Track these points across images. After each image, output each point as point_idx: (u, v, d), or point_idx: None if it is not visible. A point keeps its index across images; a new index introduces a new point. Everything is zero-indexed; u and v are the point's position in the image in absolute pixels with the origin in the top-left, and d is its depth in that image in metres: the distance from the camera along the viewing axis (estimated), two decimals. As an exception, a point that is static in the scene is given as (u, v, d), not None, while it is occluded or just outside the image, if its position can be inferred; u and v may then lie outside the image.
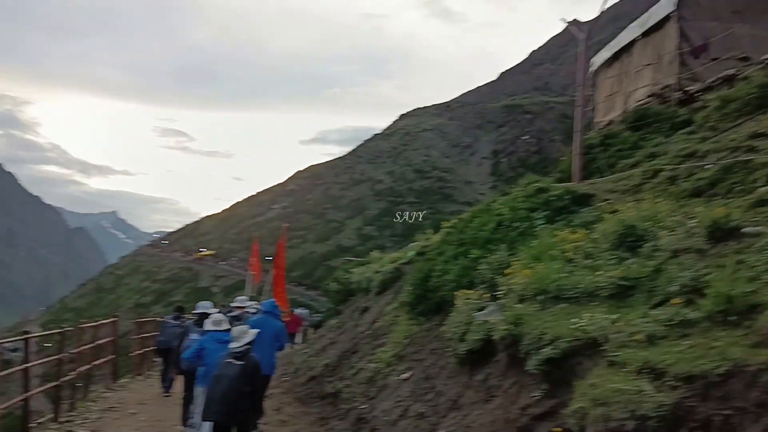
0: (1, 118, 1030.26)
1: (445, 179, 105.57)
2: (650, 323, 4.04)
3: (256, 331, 6.86)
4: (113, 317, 11.89)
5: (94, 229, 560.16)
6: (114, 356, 11.60)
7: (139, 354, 13.03)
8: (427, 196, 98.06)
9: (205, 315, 9.16)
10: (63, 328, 9.10)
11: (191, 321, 9.84)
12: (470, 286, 6.19)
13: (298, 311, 26.37)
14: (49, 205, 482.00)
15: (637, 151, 9.04)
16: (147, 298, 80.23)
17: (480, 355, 5.34)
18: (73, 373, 9.09)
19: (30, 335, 7.74)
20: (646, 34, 11.89)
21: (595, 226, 6.05)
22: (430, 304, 6.85)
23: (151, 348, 13.05)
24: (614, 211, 5.99)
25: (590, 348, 4.07)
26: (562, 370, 4.13)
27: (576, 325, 4.20)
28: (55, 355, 8.85)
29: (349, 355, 8.83)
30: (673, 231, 5.07)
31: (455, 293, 6.16)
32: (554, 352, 4.15)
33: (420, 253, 10.05)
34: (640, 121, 10.29)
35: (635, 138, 9.80)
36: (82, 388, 9.83)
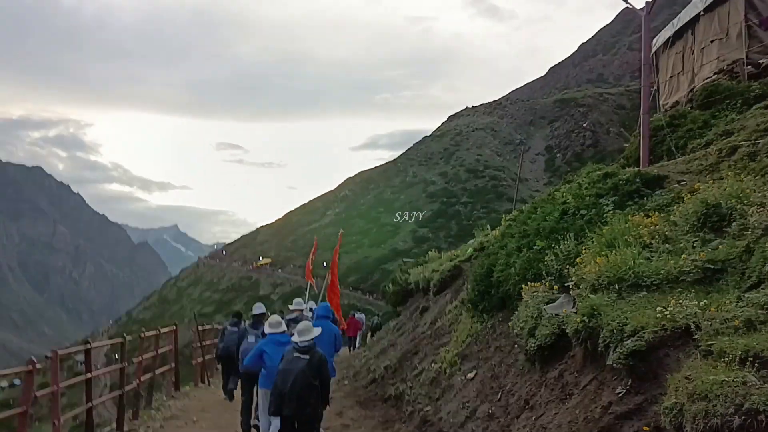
0: (67, 141, 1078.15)
1: (498, 177, 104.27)
2: (746, 308, 3.62)
3: (319, 329, 6.90)
4: (173, 326, 11.92)
5: (156, 243, 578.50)
6: (175, 365, 11.61)
7: (200, 362, 13.07)
8: (481, 195, 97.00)
9: (261, 316, 9.49)
10: (124, 337, 9.14)
11: (248, 324, 9.89)
12: (537, 278, 5.80)
13: (356, 315, 26.20)
14: (114, 222, 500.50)
15: (709, 130, 8.45)
16: (209, 308, 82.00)
17: (552, 351, 4.95)
18: (135, 382, 9.13)
19: (90, 346, 7.75)
20: (709, 8, 11.20)
21: (671, 208, 5.59)
22: (494, 300, 6.48)
23: (211, 356, 13.12)
24: (693, 192, 5.50)
25: (679, 338, 3.66)
26: (648, 363, 3.73)
27: (661, 314, 3.80)
28: (118, 365, 8.91)
29: (410, 357, 8.51)
30: (762, 207, 4.60)
31: (521, 287, 5.79)
32: (638, 344, 3.75)
33: (479, 249, 9.67)
34: (709, 98, 9.66)
35: (706, 117, 9.20)
36: (144, 396, 9.88)
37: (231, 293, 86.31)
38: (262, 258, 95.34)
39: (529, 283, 5.73)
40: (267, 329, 7.51)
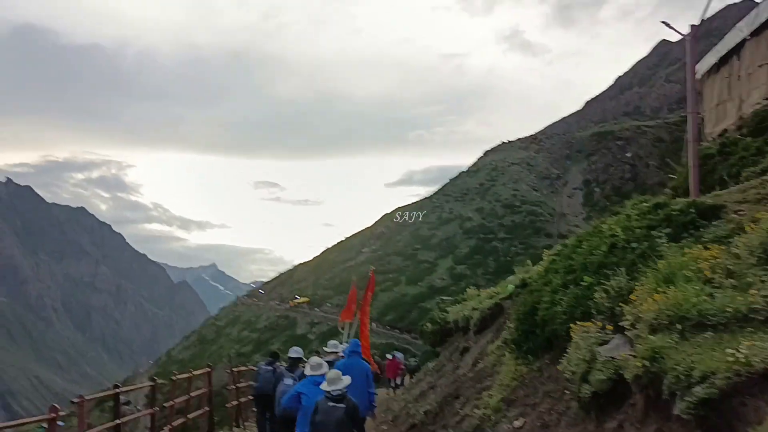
0: (109, 182, 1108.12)
1: (536, 213, 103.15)
2: (836, 350, 3.20)
3: (349, 378, 6.86)
4: (207, 368, 11.65)
5: (195, 282, 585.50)
6: (209, 408, 11.28)
7: (235, 404, 12.70)
8: (519, 231, 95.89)
9: (297, 360, 9.42)
10: (154, 380, 8.91)
11: (284, 367, 9.77)
12: (586, 317, 5.39)
13: (396, 355, 25.71)
14: (154, 262, 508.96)
15: (763, 157, 8.00)
16: (247, 348, 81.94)
17: (609, 398, 4.52)
18: (167, 428, 8.86)
19: (119, 390, 7.55)
20: (756, 33, 10.79)
21: (731, 240, 5.16)
22: (540, 341, 6.07)
23: (247, 398, 12.82)
24: (755, 221, 5.06)
25: (756, 384, 3.25)
26: (721, 413, 3.31)
27: (733, 357, 3.39)
28: (150, 408, 8.67)
29: (451, 401, 8.05)
30: (838, 238, 4.17)
31: (569, 326, 5.37)
32: (709, 391, 3.34)
33: (521, 286, 9.25)
34: (761, 125, 9.20)
35: (758, 144, 8.73)
36: None
37: (268, 332, 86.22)
38: (299, 297, 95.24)
39: (577, 322, 5.32)
40: (308, 371, 7.45)
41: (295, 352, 9.78)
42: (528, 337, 6.26)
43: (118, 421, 7.40)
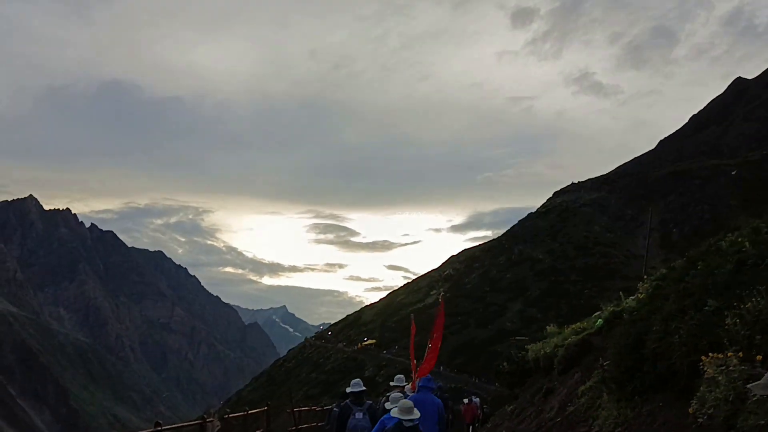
0: (186, 227, 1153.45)
1: (609, 255, 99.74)
2: None
3: (418, 413, 6.71)
4: (265, 407, 10.96)
5: (266, 324, 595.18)
6: None
7: None
8: (592, 273, 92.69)
9: (361, 394, 9.13)
10: (203, 418, 8.30)
11: (348, 400, 9.39)
12: (715, 348, 4.40)
13: (473, 399, 24.76)
14: (227, 304, 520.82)
15: None
16: (315, 390, 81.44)
17: (765, 451, 3.53)
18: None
19: (160, 429, 6.98)
20: None
21: None
22: (649, 379, 5.05)
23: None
24: None
25: None
26: None
27: None
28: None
29: None
30: None
31: (694, 359, 4.39)
32: None
33: (612, 320, 8.20)
34: None
35: None
36: None
37: (336, 374, 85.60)
38: (367, 339, 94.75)
39: (704, 354, 4.33)
40: (396, 413, 6.89)
41: (358, 385, 9.41)
42: (633, 375, 5.25)
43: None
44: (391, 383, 9.55)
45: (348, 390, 9.43)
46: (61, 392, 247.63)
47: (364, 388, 9.35)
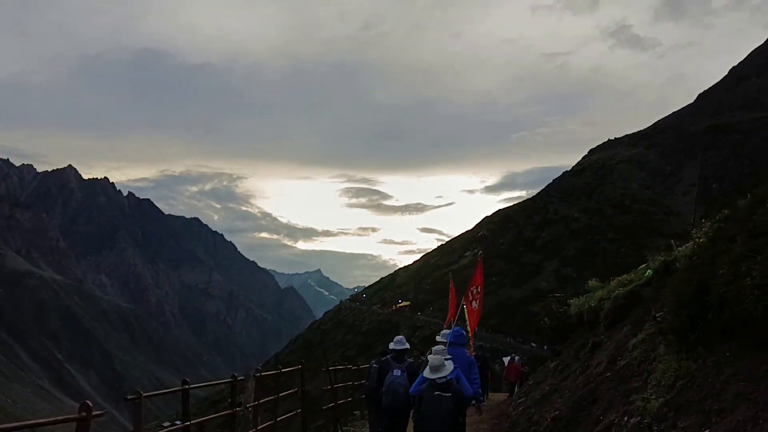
0: (221, 193, 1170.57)
1: (647, 212, 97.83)
2: None
3: (451, 364, 6.74)
4: (299, 365, 10.74)
5: (301, 288, 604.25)
6: (302, 410, 10.23)
7: (333, 406, 11.67)
8: (629, 231, 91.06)
9: (403, 351, 8.94)
10: (234, 377, 8.13)
11: (389, 357, 9.21)
12: (793, 290, 4.00)
13: (515, 358, 24.69)
14: (263, 269, 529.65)
15: None
16: (351, 351, 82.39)
17: None
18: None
19: (188, 386, 6.85)
20: None
21: None
22: (715, 327, 4.64)
23: (343, 400, 11.88)
24: None
25: None
26: None
27: None
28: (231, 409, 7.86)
29: (586, 405, 6.61)
30: None
31: (768, 304, 3.99)
32: None
33: (666, 268, 7.71)
34: None
35: None
36: None
37: (372, 336, 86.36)
38: (401, 301, 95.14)
39: (782, 298, 3.92)
40: (428, 374, 6.72)
41: (401, 342, 9.16)
42: (695, 324, 4.84)
43: (187, 423, 6.62)
44: (437, 338, 9.39)
45: (390, 346, 9.22)
46: (106, 356, 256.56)
47: (407, 346, 9.12)
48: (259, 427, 8.27)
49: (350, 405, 12.91)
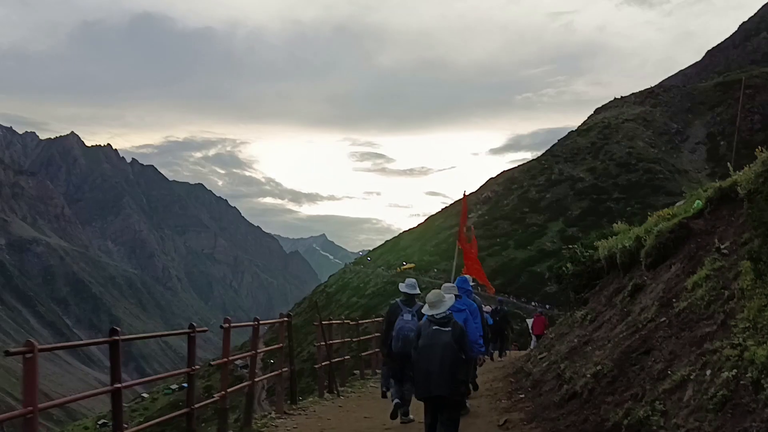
0: (224, 159, 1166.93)
1: (653, 171, 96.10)
2: None
3: (452, 296, 6.53)
4: (283, 317, 9.43)
5: (306, 252, 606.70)
6: (290, 369, 9.04)
7: (325, 365, 10.49)
8: (635, 190, 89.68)
9: (414, 297, 8.57)
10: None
11: (399, 300, 8.68)
12: None
13: (539, 311, 24.06)
14: (268, 234, 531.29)
15: None
16: (356, 313, 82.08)
17: None
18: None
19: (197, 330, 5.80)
20: None
21: None
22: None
23: (341, 358, 10.79)
24: None
25: None
26: None
27: None
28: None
29: (638, 358, 5.41)
30: None
31: None
32: None
33: (723, 196, 6.50)
34: None
35: None
36: (244, 413, 7.56)
37: (377, 298, 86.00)
38: (406, 263, 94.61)
39: None
40: (426, 310, 6.35)
41: (411, 287, 8.60)
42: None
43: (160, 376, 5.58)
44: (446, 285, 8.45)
45: (401, 288, 8.66)
46: (114, 321, 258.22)
47: (417, 291, 8.52)
48: (225, 391, 7.16)
49: (350, 363, 11.90)
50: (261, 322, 6.87)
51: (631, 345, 5.61)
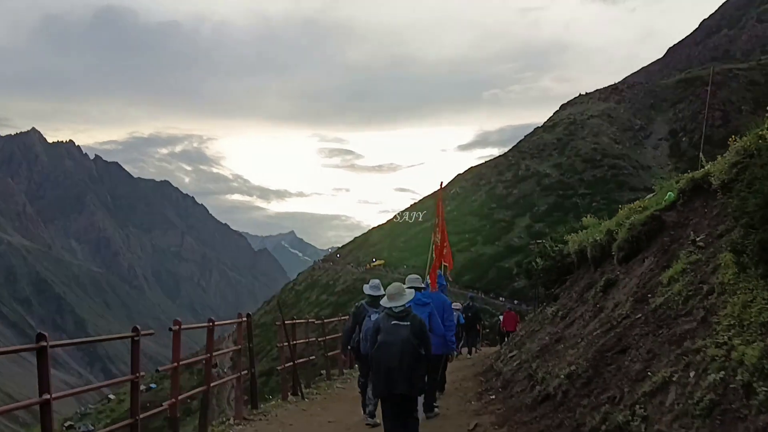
0: (191, 155, 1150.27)
1: (618, 166, 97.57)
2: None
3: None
4: (242, 317, 8.94)
5: (275, 249, 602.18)
6: (250, 372, 8.58)
7: (289, 366, 9.91)
8: (600, 186, 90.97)
9: (379, 298, 8.08)
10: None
11: (364, 302, 8.58)
12: None
13: (509, 307, 23.87)
14: (236, 231, 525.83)
15: None
16: (326, 311, 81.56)
17: None
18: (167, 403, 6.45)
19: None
20: None
21: None
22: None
23: (307, 359, 10.41)
24: None
25: None
26: None
27: None
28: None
29: (613, 357, 5.12)
30: None
31: None
32: None
33: (695, 188, 6.31)
34: None
35: None
36: (199, 420, 7.13)
37: (346, 295, 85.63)
38: (375, 260, 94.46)
39: None
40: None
41: (375, 288, 8.43)
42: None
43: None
44: (405, 285, 8.12)
45: (366, 290, 8.55)
46: (79, 321, 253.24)
47: (382, 292, 8.18)
48: (176, 399, 6.75)
49: (315, 363, 11.56)
50: (216, 323, 6.49)
51: (605, 343, 5.37)
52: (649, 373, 4.13)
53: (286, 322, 10.07)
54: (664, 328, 4.54)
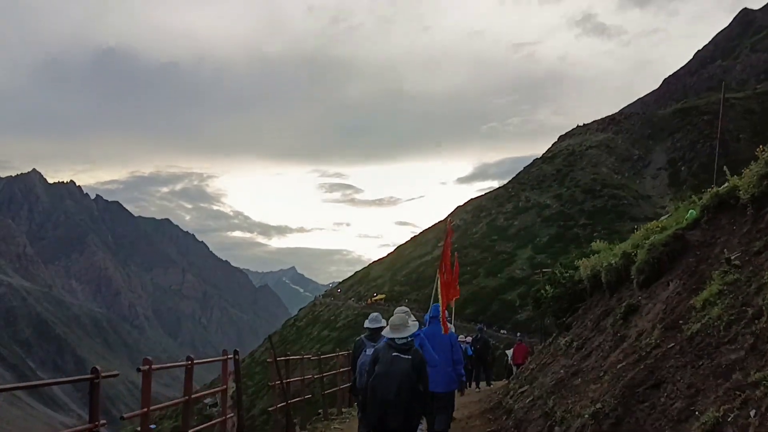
0: (191, 193, 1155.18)
1: (618, 196, 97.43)
2: None
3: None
4: (227, 354, 8.27)
5: (276, 285, 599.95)
6: (237, 414, 7.78)
7: (281, 407, 9.24)
8: (601, 216, 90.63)
9: (379, 330, 8.13)
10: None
11: (363, 337, 8.34)
12: None
13: (520, 339, 23.24)
14: (237, 268, 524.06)
15: None
16: (327, 347, 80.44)
17: None
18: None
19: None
20: None
21: None
22: None
23: (302, 398, 9.81)
24: None
25: None
26: None
27: None
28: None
29: (645, 393, 4.37)
30: None
31: None
32: None
33: (721, 203, 5.83)
34: None
35: None
36: None
37: (348, 331, 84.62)
38: (377, 294, 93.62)
39: None
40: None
41: (376, 321, 8.20)
42: None
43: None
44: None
45: (366, 324, 8.31)
46: (80, 362, 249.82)
47: (382, 323, 8.02)
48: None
49: (312, 402, 10.91)
50: (195, 361, 5.98)
51: (635, 377, 4.78)
52: (694, 411, 3.57)
53: (278, 358, 9.44)
54: (705, 359, 3.99)
